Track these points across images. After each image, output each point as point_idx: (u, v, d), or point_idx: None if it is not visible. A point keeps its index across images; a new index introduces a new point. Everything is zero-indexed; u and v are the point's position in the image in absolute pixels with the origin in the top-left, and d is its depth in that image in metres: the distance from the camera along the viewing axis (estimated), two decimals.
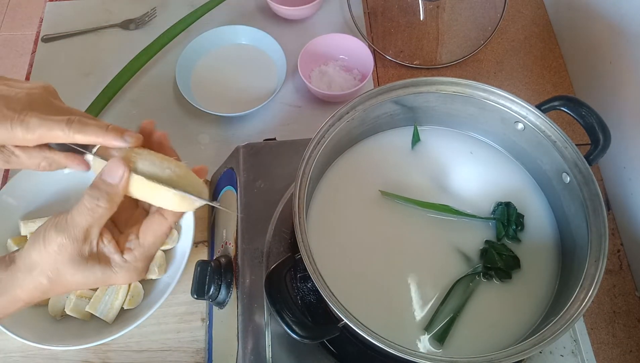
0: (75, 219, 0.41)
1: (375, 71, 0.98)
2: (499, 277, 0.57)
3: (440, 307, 0.55)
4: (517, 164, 0.64)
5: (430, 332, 0.54)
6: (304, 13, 1.00)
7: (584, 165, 0.54)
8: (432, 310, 0.55)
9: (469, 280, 0.57)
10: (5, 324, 0.64)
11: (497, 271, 0.57)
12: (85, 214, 0.41)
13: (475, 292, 0.56)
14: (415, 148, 0.66)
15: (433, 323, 0.54)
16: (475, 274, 0.57)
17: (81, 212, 0.41)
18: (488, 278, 0.57)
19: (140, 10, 1.06)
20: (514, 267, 0.57)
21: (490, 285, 0.57)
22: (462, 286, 0.56)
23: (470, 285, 0.56)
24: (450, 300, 0.55)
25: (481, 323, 0.55)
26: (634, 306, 0.78)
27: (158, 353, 0.71)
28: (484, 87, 0.59)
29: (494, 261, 0.57)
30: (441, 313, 0.55)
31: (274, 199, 0.67)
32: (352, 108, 0.60)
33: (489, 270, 0.57)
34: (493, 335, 0.54)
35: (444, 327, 0.54)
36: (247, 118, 0.92)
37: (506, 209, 0.60)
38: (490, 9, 1.03)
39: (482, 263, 0.57)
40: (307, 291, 0.60)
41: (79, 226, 0.41)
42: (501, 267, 0.57)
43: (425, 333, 0.54)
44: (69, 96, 0.96)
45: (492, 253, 0.57)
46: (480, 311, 0.55)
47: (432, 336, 0.54)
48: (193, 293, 0.61)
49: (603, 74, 0.87)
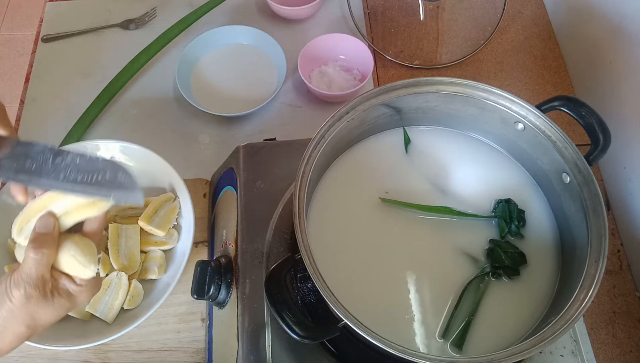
0: (28, 271, 0.48)
1: (375, 71, 0.98)
2: (508, 275, 0.57)
3: (454, 312, 0.55)
4: (516, 165, 0.64)
5: (448, 338, 0.54)
6: (304, 13, 1.00)
7: (584, 165, 0.54)
8: (446, 316, 0.55)
9: (479, 282, 0.56)
10: None
11: (506, 269, 0.57)
12: (35, 264, 0.48)
13: (486, 292, 0.56)
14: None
15: (449, 330, 0.54)
16: (484, 274, 0.57)
17: (30, 264, 0.48)
18: (497, 277, 0.57)
19: (140, 10, 1.06)
20: (521, 263, 0.58)
21: (500, 284, 0.57)
22: (473, 289, 0.56)
23: (481, 286, 0.56)
24: (464, 304, 0.55)
25: (495, 322, 0.55)
26: (634, 306, 0.78)
27: (158, 354, 0.71)
28: (484, 87, 0.59)
29: (501, 259, 0.57)
30: (456, 318, 0.54)
31: (274, 199, 0.67)
32: (352, 108, 0.60)
33: (497, 269, 0.57)
34: (508, 332, 0.54)
35: (460, 332, 0.54)
36: (247, 118, 0.92)
37: (507, 206, 0.60)
38: (490, 9, 1.03)
39: (490, 262, 0.57)
40: (307, 291, 0.60)
41: (33, 275, 0.48)
42: (509, 265, 0.57)
43: (442, 340, 0.54)
44: (69, 96, 0.97)
45: (497, 251, 0.57)
46: (493, 311, 0.55)
47: (451, 342, 0.53)
48: (193, 293, 0.61)
49: (603, 74, 0.87)
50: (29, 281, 0.48)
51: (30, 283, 0.48)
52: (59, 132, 0.89)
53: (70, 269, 0.51)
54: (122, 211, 0.76)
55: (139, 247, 0.73)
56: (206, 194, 0.81)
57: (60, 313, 0.50)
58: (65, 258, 0.50)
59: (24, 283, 0.48)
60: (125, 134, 0.92)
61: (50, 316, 0.50)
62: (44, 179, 0.48)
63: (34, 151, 0.49)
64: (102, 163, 0.50)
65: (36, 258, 0.48)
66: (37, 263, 0.48)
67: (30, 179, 0.48)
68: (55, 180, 0.48)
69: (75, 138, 0.88)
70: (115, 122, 0.93)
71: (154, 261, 0.72)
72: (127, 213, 0.76)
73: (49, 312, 0.49)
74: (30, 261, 0.48)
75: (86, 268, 0.50)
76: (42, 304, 0.48)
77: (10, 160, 0.49)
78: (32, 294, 0.48)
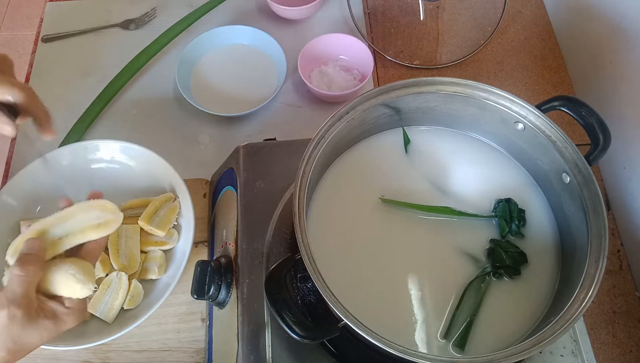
0: (12, 289, 0.47)
1: (375, 71, 0.98)
2: (509, 274, 0.57)
3: (455, 312, 0.55)
4: (517, 165, 0.64)
5: (450, 338, 0.54)
6: (304, 13, 1.00)
7: (584, 165, 0.54)
8: (447, 316, 0.55)
9: (480, 282, 0.56)
10: None
11: (507, 269, 0.57)
12: (20, 281, 0.48)
13: (487, 292, 0.56)
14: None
15: (451, 330, 0.54)
16: (485, 274, 0.57)
17: (15, 282, 0.48)
18: (498, 277, 0.57)
19: (140, 10, 1.06)
20: (521, 263, 0.58)
21: (501, 283, 0.57)
22: (474, 289, 0.56)
23: (482, 286, 0.56)
24: (465, 304, 0.55)
25: (497, 322, 0.55)
26: (634, 306, 0.78)
27: (158, 354, 0.71)
28: (484, 88, 0.59)
29: (502, 259, 0.57)
30: (457, 318, 0.54)
31: (274, 199, 0.67)
32: (352, 108, 0.60)
33: (498, 269, 0.57)
34: (510, 332, 0.54)
35: (462, 332, 0.54)
36: (247, 118, 0.92)
37: (507, 206, 0.60)
38: (490, 9, 1.03)
39: (491, 262, 0.57)
40: (307, 291, 0.60)
41: (18, 293, 0.47)
42: (510, 264, 0.57)
43: (444, 341, 0.54)
44: (69, 96, 0.97)
45: (498, 251, 0.57)
46: (494, 310, 0.55)
47: (453, 343, 0.53)
48: (193, 293, 0.61)
49: (603, 74, 0.87)
50: (13, 300, 0.47)
51: (14, 302, 0.46)
52: (59, 132, 0.89)
53: (66, 288, 0.51)
54: (122, 211, 0.76)
55: (139, 247, 0.73)
56: (206, 194, 0.81)
57: (43, 337, 0.49)
58: (63, 277, 0.51)
59: (8, 302, 0.46)
60: (125, 134, 0.92)
61: (34, 339, 0.48)
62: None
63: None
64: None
65: (21, 275, 0.48)
66: (22, 280, 0.48)
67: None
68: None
69: (75, 138, 0.88)
70: (115, 122, 0.93)
71: (154, 261, 0.72)
72: (127, 213, 0.75)
73: (32, 335, 0.48)
74: (15, 279, 0.48)
75: (85, 286, 0.51)
76: (26, 326, 0.47)
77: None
78: (16, 314, 0.46)
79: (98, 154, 0.78)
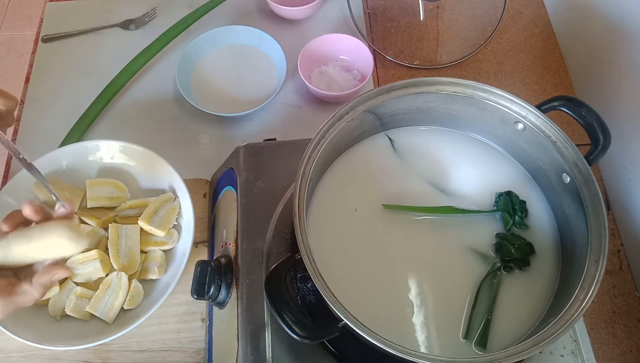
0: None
1: (375, 71, 0.98)
2: (519, 266, 0.57)
3: (472, 311, 0.55)
4: (517, 165, 0.64)
5: (471, 338, 0.53)
6: (304, 13, 1.00)
7: (584, 165, 0.54)
8: (466, 316, 0.55)
9: (492, 277, 0.56)
10: (5, 324, 0.64)
11: (516, 261, 0.57)
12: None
13: (500, 287, 0.56)
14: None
15: (471, 330, 0.54)
16: (496, 270, 0.57)
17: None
18: (509, 271, 0.57)
19: (140, 10, 1.06)
20: (530, 254, 0.58)
21: (512, 276, 0.57)
22: (487, 285, 0.56)
23: (494, 281, 0.56)
24: (481, 302, 0.55)
25: (513, 315, 0.55)
26: (634, 306, 0.78)
27: (158, 354, 0.71)
28: (484, 88, 0.59)
29: (510, 252, 0.57)
30: (475, 317, 0.54)
31: (274, 199, 0.67)
32: (352, 108, 0.60)
33: (508, 262, 0.57)
34: (526, 323, 0.54)
35: (482, 330, 0.54)
36: (247, 118, 0.92)
37: (508, 198, 0.60)
38: (490, 9, 1.04)
39: (500, 257, 0.57)
40: (307, 291, 0.60)
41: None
42: (518, 257, 0.57)
43: (465, 341, 0.53)
44: (69, 96, 0.97)
45: (506, 245, 0.57)
46: (509, 304, 0.55)
47: (475, 342, 0.53)
48: (193, 293, 0.61)
49: (603, 74, 0.87)
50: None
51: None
52: (59, 132, 0.89)
53: (57, 249, 0.52)
54: (122, 211, 0.76)
55: (139, 247, 0.73)
56: (206, 194, 0.81)
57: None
58: (50, 240, 0.51)
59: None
60: (125, 134, 0.92)
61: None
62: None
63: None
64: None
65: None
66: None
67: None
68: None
69: (75, 138, 0.88)
70: (115, 122, 0.93)
71: (154, 261, 0.72)
72: (127, 213, 0.76)
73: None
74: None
75: (78, 242, 0.52)
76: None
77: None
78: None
79: (98, 154, 0.78)
